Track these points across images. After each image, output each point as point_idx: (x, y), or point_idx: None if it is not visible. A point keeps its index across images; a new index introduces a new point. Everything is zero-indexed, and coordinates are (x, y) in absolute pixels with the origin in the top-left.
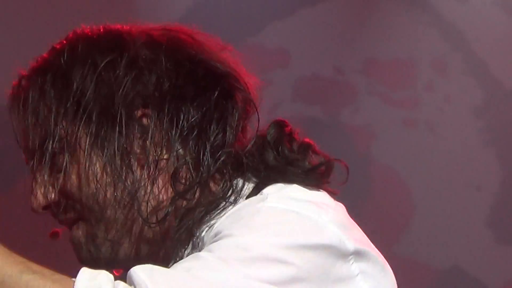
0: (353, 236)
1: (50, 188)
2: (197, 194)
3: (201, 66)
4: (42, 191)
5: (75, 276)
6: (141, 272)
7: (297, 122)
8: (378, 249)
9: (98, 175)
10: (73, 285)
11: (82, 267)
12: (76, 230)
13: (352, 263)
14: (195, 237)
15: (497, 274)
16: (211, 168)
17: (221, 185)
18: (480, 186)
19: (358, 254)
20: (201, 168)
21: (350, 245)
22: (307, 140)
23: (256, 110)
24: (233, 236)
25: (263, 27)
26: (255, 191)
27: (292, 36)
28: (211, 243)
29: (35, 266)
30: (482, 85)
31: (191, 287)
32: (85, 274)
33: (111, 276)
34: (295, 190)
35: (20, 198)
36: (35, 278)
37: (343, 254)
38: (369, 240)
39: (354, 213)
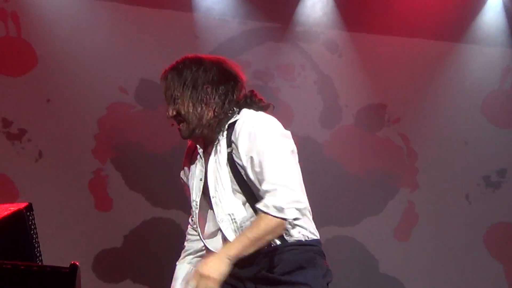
0: (284, 129)
1: (173, 110)
2: (222, 115)
3: (227, 72)
4: (170, 111)
5: None
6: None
7: (255, 89)
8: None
9: (190, 108)
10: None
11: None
12: (182, 125)
13: (291, 138)
14: (222, 130)
15: (328, 139)
16: (228, 107)
17: (230, 112)
18: (316, 109)
19: (290, 136)
20: (224, 106)
21: (288, 132)
22: (260, 97)
23: (244, 88)
24: (245, 132)
25: (242, 53)
26: (240, 112)
27: (254, 58)
28: (238, 136)
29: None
30: (317, 73)
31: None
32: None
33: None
34: (252, 112)
35: (161, 114)
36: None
37: (287, 135)
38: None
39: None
